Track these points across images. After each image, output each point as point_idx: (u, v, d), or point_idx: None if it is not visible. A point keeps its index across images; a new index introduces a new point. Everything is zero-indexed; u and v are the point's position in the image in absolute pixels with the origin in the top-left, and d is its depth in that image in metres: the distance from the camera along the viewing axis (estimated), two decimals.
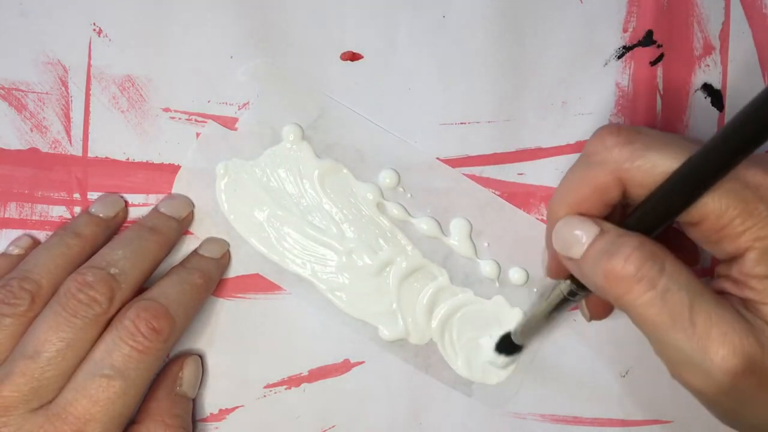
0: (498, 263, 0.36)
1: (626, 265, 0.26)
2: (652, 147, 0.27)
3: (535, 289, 0.36)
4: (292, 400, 0.36)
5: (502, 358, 0.35)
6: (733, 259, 0.27)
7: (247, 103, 0.36)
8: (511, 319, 0.36)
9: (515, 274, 0.36)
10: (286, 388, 0.36)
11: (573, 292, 0.30)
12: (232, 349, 0.36)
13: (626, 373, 0.37)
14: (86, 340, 0.30)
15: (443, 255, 0.36)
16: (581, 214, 0.28)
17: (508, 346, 0.35)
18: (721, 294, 0.27)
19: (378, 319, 0.36)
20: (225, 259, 0.35)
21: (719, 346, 0.25)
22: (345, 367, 0.36)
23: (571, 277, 0.30)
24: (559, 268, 0.30)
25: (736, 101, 0.38)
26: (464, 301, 0.36)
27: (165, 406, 0.32)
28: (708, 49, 0.38)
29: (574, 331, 0.37)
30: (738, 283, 0.27)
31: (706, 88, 0.38)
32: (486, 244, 0.36)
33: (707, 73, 0.38)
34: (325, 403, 0.36)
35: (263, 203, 0.36)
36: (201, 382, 0.35)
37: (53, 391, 0.29)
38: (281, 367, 0.36)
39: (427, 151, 0.36)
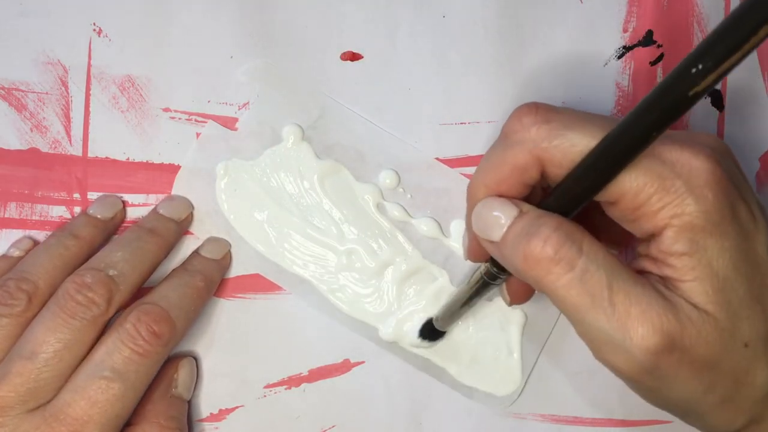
0: None
1: (545, 247, 0.26)
2: (570, 126, 0.26)
3: (535, 290, 0.36)
4: (292, 400, 0.36)
5: (426, 344, 0.35)
6: (653, 237, 0.26)
7: (247, 103, 0.36)
8: (513, 322, 0.36)
9: None
10: (286, 388, 0.36)
11: (493, 275, 0.30)
12: (232, 349, 0.36)
13: None
14: (83, 341, 0.30)
15: (443, 256, 0.36)
16: (501, 195, 0.28)
17: (430, 331, 0.35)
18: (642, 273, 0.27)
19: (378, 320, 0.36)
20: (226, 260, 0.35)
21: (639, 325, 0.25)
22: (345, 367, 0.36)
23: (492, 260, 0.30)
24: (479, 251, 0.30)
25: (736, 101, 0.38)
26: None
27: (161, 408, 0.32)
28: None
29: (575, 331, 0.37)
30: (657, 262, 0.26)
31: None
32: None
33: None
34: (325, 403, 0.36)
35: (263, 203, 0.36)
36: (201, 382, 0.35)
37: (50, 392, 0.29)
38: (281, 367, 0.36)
39: (426, 152, 0.36)
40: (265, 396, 0.36)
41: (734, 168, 0.27)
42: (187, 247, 0.35)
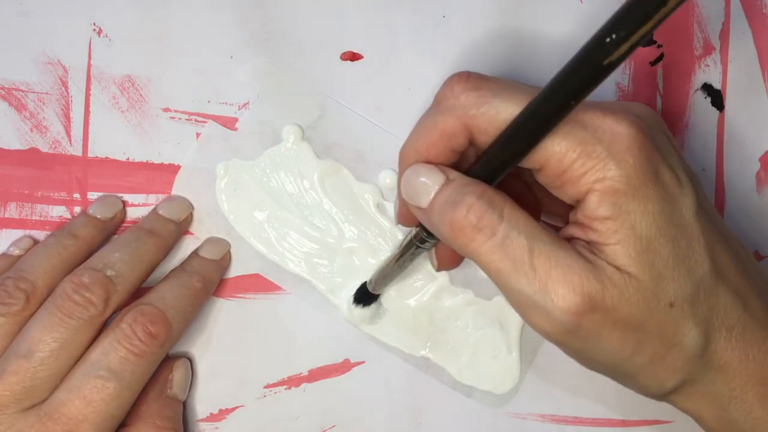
0: None
1: (468, 215, 0.26)
2: (497, 94, 0.27)
3: None
4: (292, 400, 0.36)
5: (358, 310, 0.35)
6: (578, 202, 0.27)
7: (247, 103, 0.36)
8: (512, 320, 0.36)
9: None
10: (286, 388, 0.36)
11: (423, 240, 0.30)
12: (232, 349, 0.36)
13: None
14: (80, 341, 0.30)
15: None
16: (430, 161, 0.29)
17: (364, 296, 0.35)
18: (570, 239, 0.27)
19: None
20: (225, 260, 0.35)
21: (559, 287, 0.26)
22: (345, 367, 0.36)
23: (421, 225, 0.30)
24: (408, 215, 0.30)
25: (736, 101, 0.38)
26: (464, 302, 0.36)
27: (156, 409, 0.32)
28: (708, 49, 0.38)
29: None
30: (584, 227, 0.27)
31: (706, 88, 0.38)
32: None
33: (707, 73, 0.38)
34: (325, 403, 0.36)
35: (263, 203, 0.36)
36: (201, 382, 0.35)
37: (46, 391, 0.30)
38: (281, 367, 0.36)
39: None
40: (265, 396, 0.36)
41: (661, 135, 0.28)
42: (187, 247, 0.35)
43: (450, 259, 0.32)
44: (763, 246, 0.38)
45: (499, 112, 0.27)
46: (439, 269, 0.33)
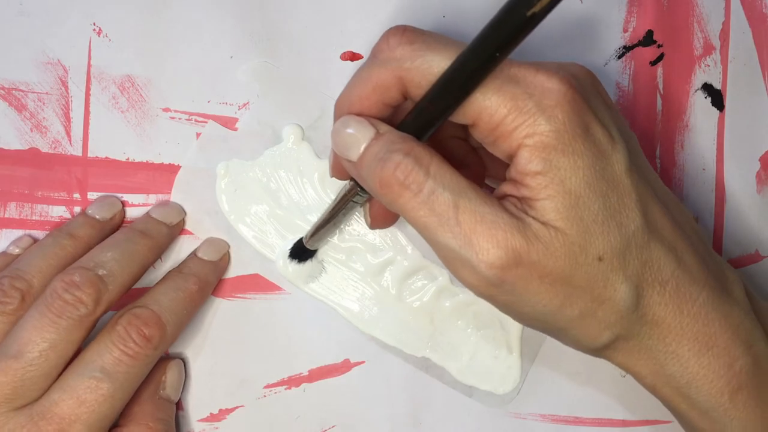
0: None
1: (395, 172, 0.26)
2: (432, 47, 0.27)
3: None
4: (292, 400, 0.36)
5: (293, 265, 0.35)
6: (511, 158, 0.27)
7: (247, 103, 0.36)
8: (512, 321, 0.36)
9: None
10: (286, 388, 0.36)
11: (356, 194, 0.31)
12: (232, 349, 0.36)
13: (626, 373, 0.37)
14: (70, 341, 0.30)
15: None
16: (362, 114, 0.28)
17: (300, 251, 0.35)
18: (504, 197, 0.28)
19: (377, 320, 0.36)
20: (224, 262, 0.35)
21: (483, 241, 0.26)
22: (345, 367, 0.36)
23: (354, 179, 0.30)
24: (341, 168, 0.30)
25: (736, 101, 0.38)
26: (464, 302, 0.36)
27: (148, 410, 0.32)
28: (708, 49, 0.38)
29: None
30: (516, 183, 0.27)
31: (706, 88, 0.38)
32: None
33: (707, 73, 0.38)
34: (325, 403, 0.36)
35: (263, 203, 0.36)
36: (201, 382, 0.35)
37: (37, 391, 0.30)
38: (281, 367, 0.36)
39: None
40: (265, 396, 0.36)
41: (594, 93, 0.28)
42: (188, 246, 0.35)
43: (383, 218, 0.32)
44: (763, 246, 0.38)
45: (432, 66, 0.27)
46: (372, 227, 0.33)
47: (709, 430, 0.29)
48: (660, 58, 0.38)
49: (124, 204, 0.35)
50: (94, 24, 0.36)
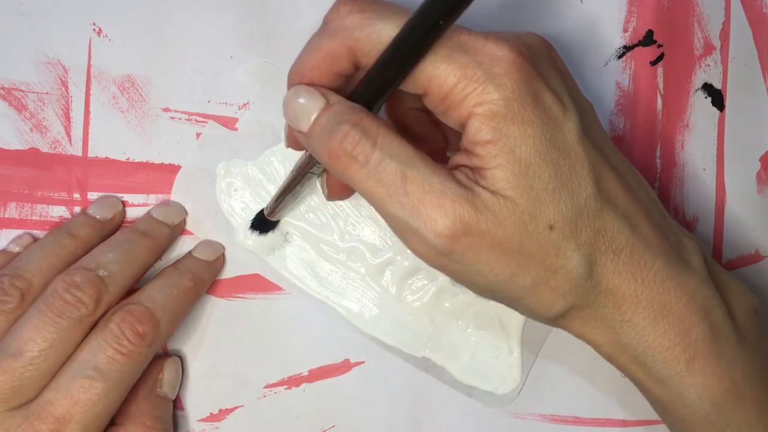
0: None
1: (343, 144, 0.26)
2: (382, 16, 0.27)
3: None
4: (292, 400, 0.36)
5: (255, 237, 0.35)
6: (463, 128, 0.27)
7: (247, 103, 0.36)
8: (512, 321, 0.36)
9: None
10: (286, 388, 0.36)
11: (312, 165, 0.30)
12: (233, 349, 0.36)
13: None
14: (70, 341, 0.30)
15: None
16: (313, 84, 0.28)
17: (261, 223, 0.35)
18: (457, 167, 0.27)
19: (377, 320, 0.36)
20: (219, 263, 0.35)
21: (431, 211, 0.26)
22: (345, 367, 0.36)
23: None
24: (295, 139, 0.30)
25: (736, 101, 0.38)
26: (465, 302, 0.36)
27: (145, 408, 0.32)
28: (708, 49, 0.38)
29: None
30: (468, 153, 0.27)
31: (707, 87, 0.38)
32: None
33: (707, 72, 0.38)
34: (325, 403, 0.36)
35: (263, 203, 0.36)
36: (201, 382, 0.35)
37: (34, 390, 0.30)
38: (281, 367, 0.36)
39: None
40: (265, 396, 0.36)
41: (547, 62, 0.28)
42: (187, 247, 0.35)
43: (339, 189, 0.32)
44: (763, 246, 0.38)
45: (382, 35, 0.26)
46: (329, 198, 0.33)
47: (666, 397, 0.29)
48: (660, 58, 0.38)
49: (124, 204, 0.35)
50: (94, 24, 0.36)
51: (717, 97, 0.38)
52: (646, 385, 0.30)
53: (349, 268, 0.36)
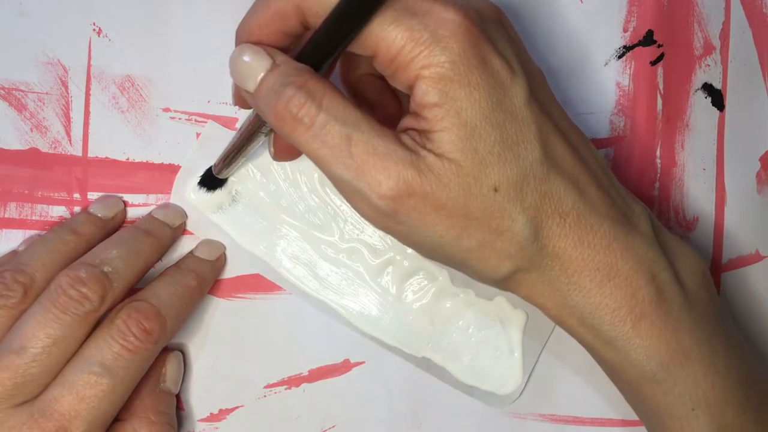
0: None
1: (288, 106, 0.26)
2: None
3: None
4: (292, 400, 0.36)
5: (202, 193, 0.35)
6: (411, 90, 0.27)
7: None
8: (513, 321, 0.36)
9: None
10: (286, 388, 0.36)
11: (260, 124, 0.30)
12: (232, 349, 0.36)
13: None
14: (73, 337, 0.30)
15: None
16: (261, 43, 0.28)
17: (209, 180, 0.35)
18: (405, 130, 0.28)
19: (377, 320, 0.36)
20: (220, 262, 0.35)
21: (375, 173, 0.26)
22: (345, 367, 0.36)
23: None
24: (242, 97, 0.30)
25: (736, 101, 0.38)
26: (465, 302, 0.36)
27: (149, 403, 0.32)
28: (708, 49, 0.38)
29: None
30: (416, 116, 0.27)
31: (706, 87, 0.38)
32: None
33: (707, 72, 0.38)
34: (325, 403, 0.36)
35: (263, 204, 0.36)
36: (201, 382, 0.35)
37: (38, 387, 0.29)
38: (281, 367, 0.36)
39: None
40: (265, 396, 0.36)
41: (496, 26, 0.28)
42: (188, 247, 0.35)
43: (286, 150, 0.32)
44: (763, 246, 0.38)
45: None
46: (276, 159, 0.33)
47: (614, 359, 0.29)
48: (660, 58, 0.38)
49: (125, 204, 0.35)
50: (94, 24, 0.36)
51: (717, 97, 0.38)
52: (594, 348, 0.30)
53: (349, 269, 0.36)
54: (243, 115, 0.36)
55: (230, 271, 0.36)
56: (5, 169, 0.35)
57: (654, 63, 0.38)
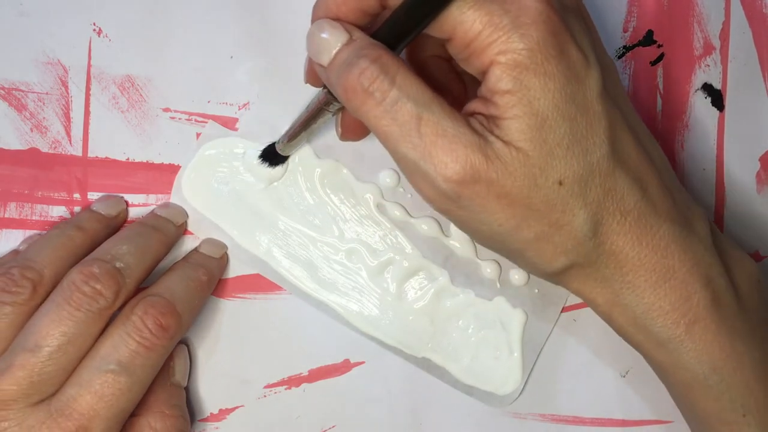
0: (499, 264, 0.36)
1: (360, 78, 0.26)
2: None
3: (536, 290, 0.36)
4: (292, 400, 0.36)
5: (264, 168, 0.35)
6: (483, 76, 0.27)
7: (247, 103, 0.36)
8: (513, 321, 0.36)
9: (516, 275, 0.36)
10: (286, 388, 0.36)
11: (329, 102, 0.30)
12: (232, 349, 0.36)
13: (626, 373, 0.37)
14: (88, 334, 0.30)
15: (444, 256, 0.36)
16: (339, 19, 0.28)
17: (271, 155, 0.35)
18: (472, 114, 0.27)
19: (377, 320, 0.36)
20: (224, 260, 0.35)
21: (443, 155, 0.26)
22: (345, 367, 0.36)
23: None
24: (315, 74, 0.30)
25: (736, 101, 0.38)
26: (465, 302, 0.36)
27: (162, 397, 0.32)
28: (708, 49, 0.38)
29: (574, 331, 0.37)
30: (486, 101, 0.27)
31: (706, 87, 0.38)
32: None
33: (707, 73, 0.38)
34: (325, 403, 0.36)
35: (263, 204, 0.36)
36: (201, 382, 0.35)
37: (54, 385, 0.29)
38: (281, 367, 0.36)
39: None
40: (265, 396, 0.36)
41: (575, 16, 0.28)
42: (188, 246, 0.35)
43: (353, 129, 0.32)
44: (763, 246, 0.38)
45: None
46: (342, 138, 0.33)
47: (666, 360, 0.29)
48: (660, 58, 0.38)
49: (127, 204, 0.35)
50: (94, 24, 0.36)
51: (717, 97, 0.38)
52: (644, 348, 0.30)
53: (348, 269, 0.36)
54: (243, 116, 0.36)
55: (230, 271, 0.36)
56: (5, 169, 0.35)
57: (654, 63, 0.38)
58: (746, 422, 0.29)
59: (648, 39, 0.38)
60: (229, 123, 0.36)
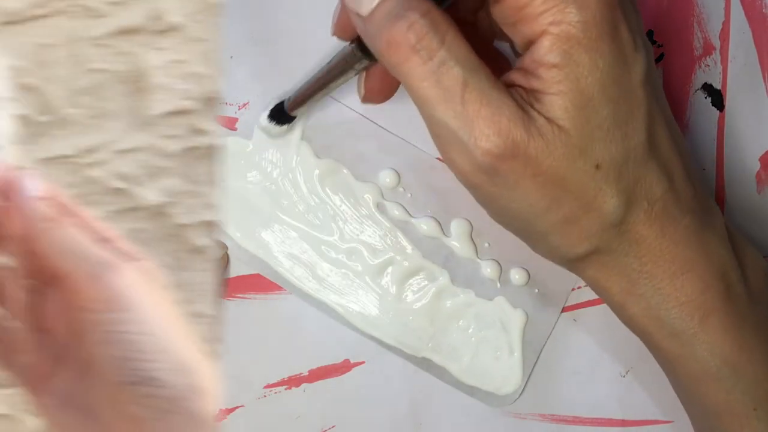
0: (499, 263, 0.36)
1: (407, 33, 0.24)
2: None
3: (536, 290, 0.36)
4: (292, 400, 0.36)
5: (273, 126, 0.35)
6: (529, 45, 0.26)
7: (247, 103, 0.36)
8: (514, 321, 0.36)
9: (517, 275, 0.36)
10: (286, 388, 0.36)
11: (356, 58, 0.28)
12: (232, 349, 0.36)
13: (626, 373, 0.37)
14: None
15: (444, 256, 0.36)
16: None
17: (279, 113, 0.34)
18: (511, 86, 0.26)
19: (377, 320, 0.36)
20: (224, 260, 0.35)
21: (484, 126, 0.25)
22: (345, 367, 0.36)
23: (358, 40, 0.28)
24: (346, 25, 0.28)
25: (736, 101, 0.38)
26: (465, 302, 0.36)
27: None
28: (708, 49, 0.38)
29: (575, 331, 0.37)
30: (527, 73, 0.26)
31: (706, 88, 0.38)
32: (487, 245, 0.36)
33: (707, 73, 0.38)
34: (325, 403, 0.36)
35: (263, 204, 0.36)
36: None
37: None
38: (281, 367, 0.36)
39: (427, 151, 0.36)
40: (265, 396, 0.36)
41: None
42: None
43: (378, 91, 0.31)
44: (764, 246, 0.38)
45: None
46: (364, 101, 0.31)
47: (677, 351, 0.29)
48: (660, 58, 0.38)
49: None
50: None
51: (717, 97, 0.38)
52: (655, 339, 0.29)
53: (349, 269, 0.36)
54: (243, 116, 0.36)
55: (230, 271, 0.36)
56: None
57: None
58: (756, 416, 0.29)
59: (648, 39, 0.38)
60: (229, 123, 0.36)
